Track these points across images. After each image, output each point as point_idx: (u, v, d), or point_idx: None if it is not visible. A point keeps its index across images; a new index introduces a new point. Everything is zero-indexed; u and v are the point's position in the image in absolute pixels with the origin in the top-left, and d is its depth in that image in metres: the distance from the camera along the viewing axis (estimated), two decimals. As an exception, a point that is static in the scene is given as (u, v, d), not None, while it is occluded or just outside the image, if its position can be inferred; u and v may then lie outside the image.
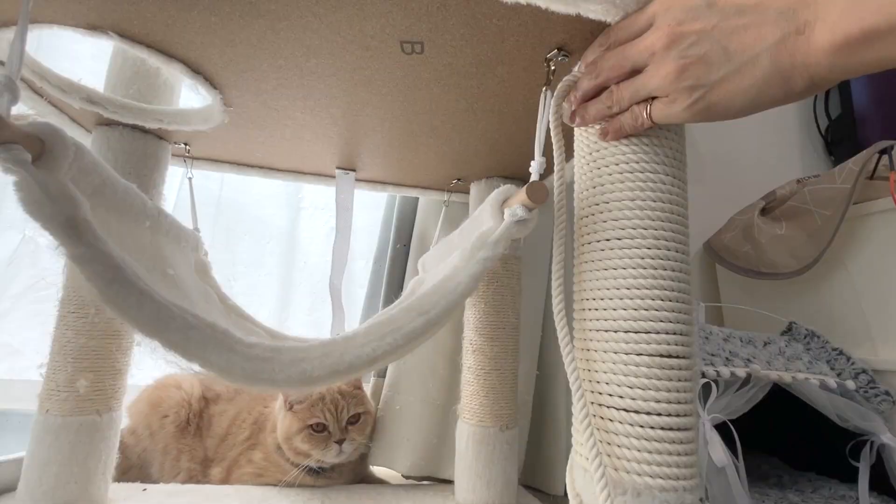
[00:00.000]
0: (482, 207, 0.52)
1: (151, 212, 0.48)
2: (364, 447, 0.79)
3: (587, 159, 0.42)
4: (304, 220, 1.18)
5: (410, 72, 0.51)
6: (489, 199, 0.50)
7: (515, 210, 0.45)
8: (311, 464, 0.73)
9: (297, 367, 0.36)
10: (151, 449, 0.77)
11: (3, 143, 0.29)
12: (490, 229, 0.47)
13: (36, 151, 0.32)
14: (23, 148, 0.30)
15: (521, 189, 0.45)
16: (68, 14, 0.45)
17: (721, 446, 0.61)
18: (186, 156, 0.75)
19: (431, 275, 0.67)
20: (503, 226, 0.45)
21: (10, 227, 0.96)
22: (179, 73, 0.53)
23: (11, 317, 0.95)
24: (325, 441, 0.72)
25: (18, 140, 0.30)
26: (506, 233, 0.45)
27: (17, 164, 0.30)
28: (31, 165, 0.31)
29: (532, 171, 0.44)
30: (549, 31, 0.43)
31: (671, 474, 0.34)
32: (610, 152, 0.40)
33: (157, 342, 0.32)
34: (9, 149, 0.30)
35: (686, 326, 0.36)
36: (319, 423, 0.72)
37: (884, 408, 0.75)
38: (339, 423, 0.73)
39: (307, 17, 0.43)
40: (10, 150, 0.30)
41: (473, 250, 0.46)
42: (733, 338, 0.79)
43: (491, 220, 0.49)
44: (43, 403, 0.58)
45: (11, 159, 0.30)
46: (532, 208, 0.44)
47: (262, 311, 1.10)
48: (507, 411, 0.71)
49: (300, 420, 0.72)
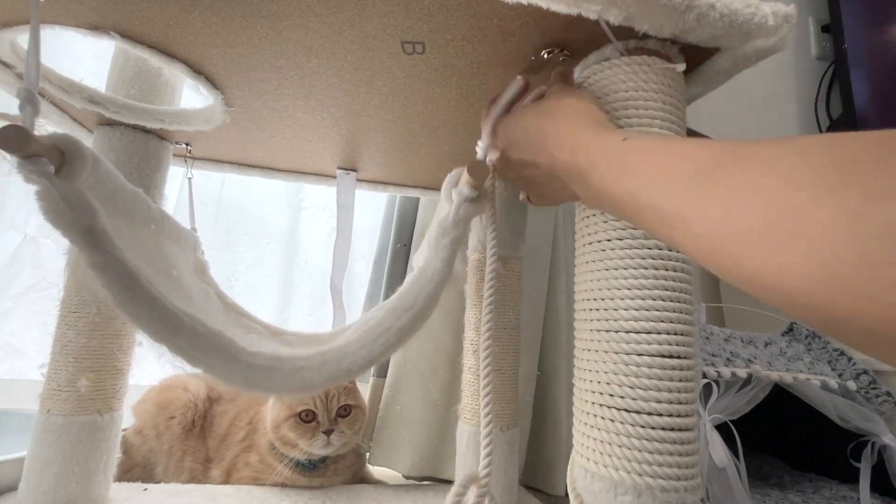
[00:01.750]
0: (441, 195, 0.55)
1: (156, 215, 0.49)
2: (356, 444, 0.78)
3: (588, 159, 0.42)
4: (305, 221, 1.18)
5: (411, 72, 0.52)
6: (443, 185, 0.53)
7: (462, 189, 0.47)
8: (300, 456, 0.71)
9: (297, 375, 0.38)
10: (157, 449, 0.77)
11: (31, 156, 0.30)
12: (447, 214, 0.49)
13: (58, 163, 0.33)
14: (47, 160, 0.31)
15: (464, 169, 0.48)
16: (70, 14, 0.45)
17: (722, 447, 0.61)
18: (188, 156, 0.75)
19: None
20: (454, 206, 0.48)
21: (11, 228, 0.96)
22: (181, 73, 0.53)
23: (13, 317, 0.95)
24: (313, 431, 0.70)
25: (43, 153, 0.31)
26: (458, 213, 0.47)
27: (42, 175, 0.31)
28: (54, 177, 0.32)
29: (478, 151, 0.47)
30: (551, 31, 0.43)
31: (672, 475, 0.34)
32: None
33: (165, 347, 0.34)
34: (35, 162, 0.30)
35: (687, 327, 0.36)
36: (308, 411, 0.70)
37: (885, 408, 0.75)
38: (329, 413, 0.71)
39: (308, 17, 0.44)
40: (37, 164, 0.31)
41: (437, 238, 0.48)
42: (734, 338, 0.79)
43: (447, 204, 0.51)
44: (44, 403, 0.58)
45: (37, 171, 0.30)
46: (476, 186, 0.47)
47: (263, 310, 1.10)
48: (507, 411, 0.71)
49: (288, 407, 0.70)
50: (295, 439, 0.70)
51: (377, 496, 0.74)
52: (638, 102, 0.39)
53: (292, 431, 0.70)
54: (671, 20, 0.36)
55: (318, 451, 0.71)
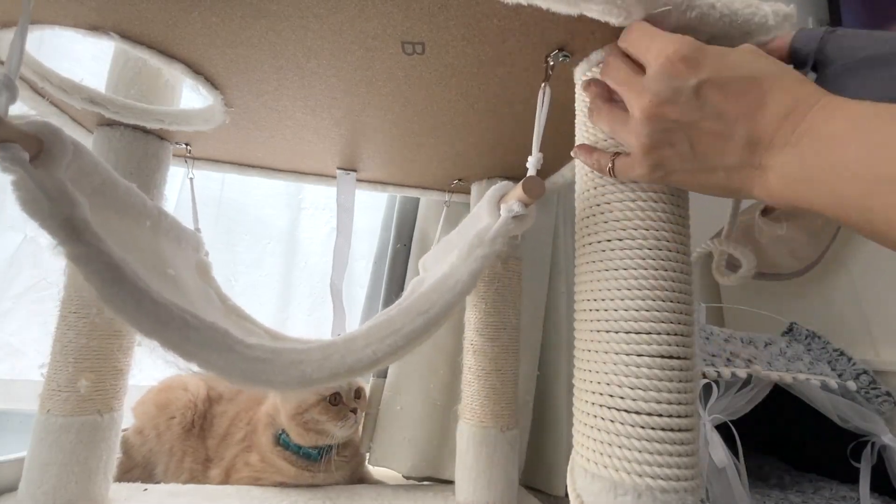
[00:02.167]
0: (480, 204, 0.52)
1: (152, 212, 0.48)
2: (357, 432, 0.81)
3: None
4: (305, 221, 1.18)
5: (411, 72, 0.51)
6: (486, 196, 0.50)
7: (512, 206, 0.45)
8: (327, 442, 0.74)
9: (296, 368, 0.36)
10: (157, 450, 0.78)
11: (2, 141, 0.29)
12: (487, 226, 0.47)
13: (34, 150, 0.32)
14: (20, 147, 0.30)
15: (517, 185, 0.45)
16: (70, 15, 0.45)
17: (722, 447, 0.61)
18: (187, 156, 0.75)
19: (431, 274, 0.67)
20: (500, 222, 0.45)
21: (11, 228, 0.96)
22: (181, 73, 0.53)
23: (12, 317, 0.95)
24: (342, 411, 0.73)
25: (16, 139, 0.30)
26: (503, 229, 0.45)
27: (14, 163, 0.30)
28: (28, 164, 0.31)
29: (529, 167, 0.44)
30: (551, 31, 0.43)
31: (672, 475, 0.34)
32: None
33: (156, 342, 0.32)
34: (6, 148, 0.29)
35: (687, 327, 0.36)
36: (335, 395, 0.74)
37: (885, 409, 0.75)
38: (350, 395, 0.76)
39: (308, 18, 0.43)
40: (8, 150, 0.29)
41: (471, 248, 0.45)
42: (734, 338, 0.79)
43: (488, 216, 0.49)
44: (44, 403, 0.58)
45: (9, 158, 0.29)
46: (528, 203, 0.44)
47: (263, 311, 1.10)
48: (507, 412, 0.71)
49: (316, 392, 0.73)
50: (325, 422, 0.72)
51: (377, 496, 0.74)
52: (638, 103, 0.39)
53: (323, 415, 0.72)
54: (672, 20, 0.36)
55: (345, 432, 0.74)
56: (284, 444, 0.75)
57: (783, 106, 0.30)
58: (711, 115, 0.32)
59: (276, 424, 0.76)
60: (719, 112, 0.31)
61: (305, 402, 0.72)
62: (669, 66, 0.32)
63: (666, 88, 0.32)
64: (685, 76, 0.31)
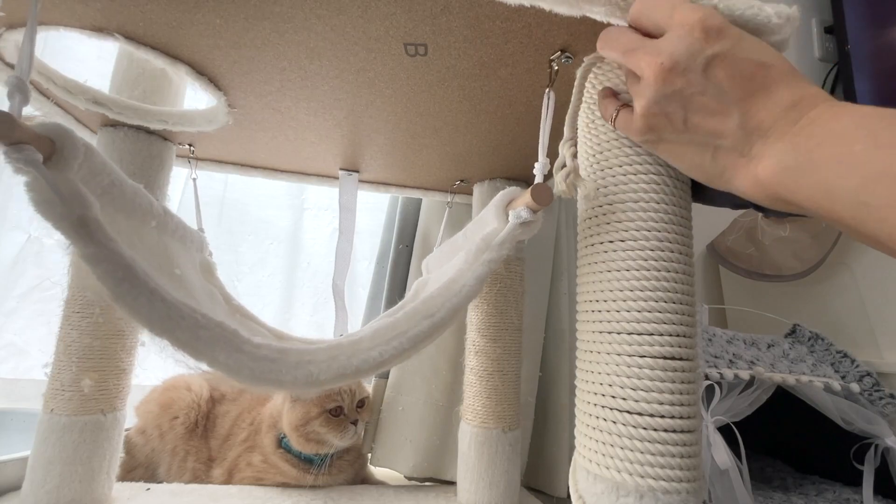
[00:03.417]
0: (487, 209, 0.52)
1: (158, 212, 0.49)
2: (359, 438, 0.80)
3: (591, 161, 0.42)
4: (308, 221, 1.18)
5: (414, 74, 0.52)
6: (494, 201, 0.50)
7: (520, 212, 0.45)
8: (327, 451, 0.74)
9: (304, 369, 0.36)
10: (160, 450, 0.78)
11: (16, 143, 0.30)
12: (494, 231, 0.47)
13: (47, 152, 0.32)
14: (34, 149, 0.30)
15: (525, 191, 0.45)
16: (74, 16, 0.45)
17: (724, 449, 0.60)
18: (191, 157, 0.76)
19: (435, 276, 0.67)
20: (508, 227, 0.46)
21: (15, 228, 0.97)
22: (184, 74, 0.53)
23: (16, 316, 0.96)
24: (342, 423, 0.74)
25: (30, 140, 0.30)
26: (511, 234, 0.45)
27: (28, 164, 0.30)
28: (42, 166, 0.31)
29: (536, 173, 0.44)
30: (553, 32, 0.43)
31: (674, 476, 0.34)
32: (614, 154, 0.40)
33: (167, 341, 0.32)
34: (21, 149, 0.30)
35: (689, 328, 0.36)
36: (338, 407, 0.74)
37: (888, 411, 0.75)
38: (352, 406, 0.76)
39: (311, 19, 0.44)
40: (22, 151, 0.30)
41: (478, 252, 0.46)
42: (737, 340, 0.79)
43: (496, 221, 0.49)
44: (48, 403, 0.58)
45: (23, 160, 0.30)
46: (537, 210, 0.44)
47: (266, 311, 1.10)
48: (509, 413, 0.71)
49: (318, 405, 0.73)
50: (326, 434, 0.73)
51: (379, 497, 0.74)
52: (640, 104, 0.39)
53: (324, 427, 0.72)
54: (674, 22, 0.36)
55: (346, 442, 0.74)
56: (286, 448, 0.75)
57: (788, 97, 0.30)
58: (713, 91, 0.32)
59: (279, 427, 0.76)
60: (722, 89, 0.31)
61: (307, 415, 0.72)
62: (693, 31, 0.32)
63: (685, 52, 0.32)
64: (702, 45, 0.32)
